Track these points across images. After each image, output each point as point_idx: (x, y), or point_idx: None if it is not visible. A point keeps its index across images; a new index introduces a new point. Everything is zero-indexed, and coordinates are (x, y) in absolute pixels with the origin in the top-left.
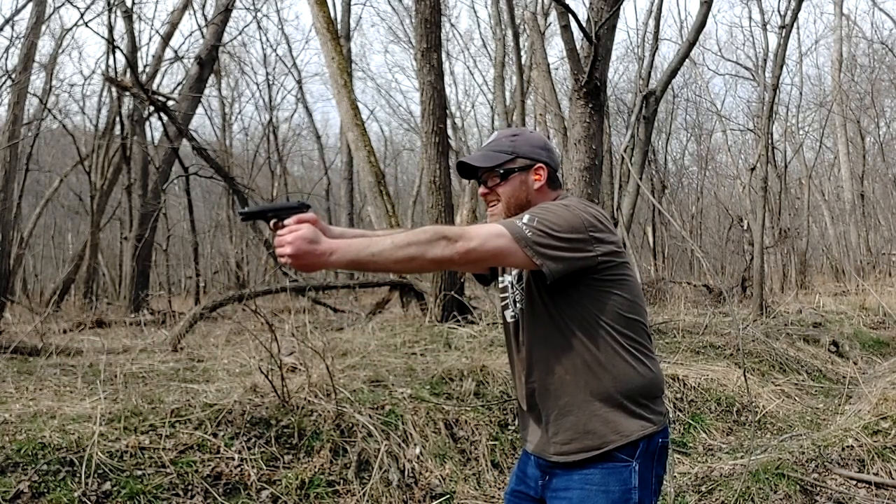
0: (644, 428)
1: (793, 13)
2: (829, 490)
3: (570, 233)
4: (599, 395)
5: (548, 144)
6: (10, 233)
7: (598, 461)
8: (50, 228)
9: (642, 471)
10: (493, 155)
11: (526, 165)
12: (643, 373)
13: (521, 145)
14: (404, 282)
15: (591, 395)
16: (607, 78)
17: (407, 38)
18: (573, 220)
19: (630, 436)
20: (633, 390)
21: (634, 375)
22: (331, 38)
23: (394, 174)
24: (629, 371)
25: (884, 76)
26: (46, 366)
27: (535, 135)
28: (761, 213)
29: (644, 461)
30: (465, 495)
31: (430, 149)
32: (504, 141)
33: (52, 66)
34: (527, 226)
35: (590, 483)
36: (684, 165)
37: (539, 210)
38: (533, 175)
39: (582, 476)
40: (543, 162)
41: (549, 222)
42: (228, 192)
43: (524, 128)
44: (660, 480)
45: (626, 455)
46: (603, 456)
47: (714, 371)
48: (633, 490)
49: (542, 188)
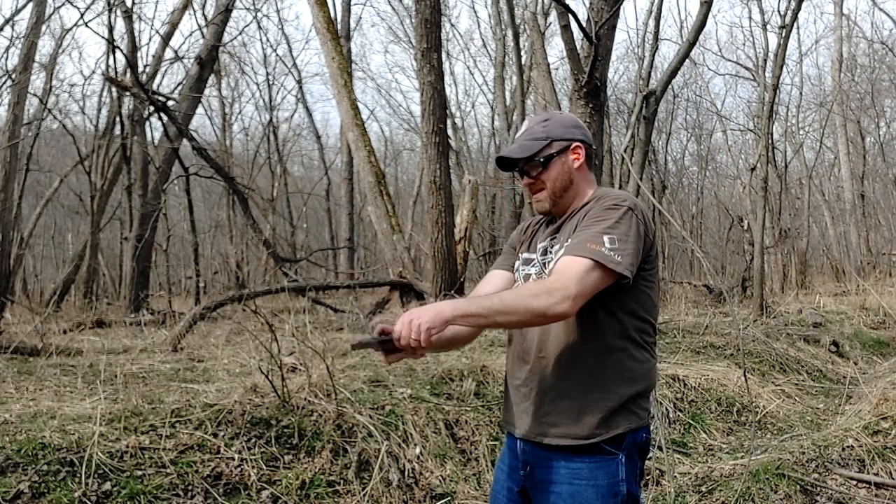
0: (631, 422)
1: (793, 13)
2: (829, 490)
3: (641, 240)
4: (600, 385)
5: (579, 122)
6: (10, 233)
7: (584, 452)
8: (50, 229)
9: (628, 463)
10: (530, 144)
11: (563, 147)
12: (645, 371)
13: (554, 128)
14: (404, 282)
15: (592, 384)
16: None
17: (407, 38)
18: (639, 228)
19: (618, 429)
20: (633, 386)
21: (637, 372)
22: (331, 38)
23: (394, 174)
24: (634, 367)
25: (884, 76)
26: (46, 366)
27: (565, 115)
28: (761, 213)
29: (629, 453)
30: (466, 495)
31: (430, 149)
32: (537, 129)
33: (52, 66)
34: (611, 250)
35: (578, 477)
36: (684, 165)
37: (611, 226)
38: (572, 155)
39: (570, 470)
40: (579, 140)
41: (626, 239)
42: (228, 193)
43: (554, 111)
44: (641, 471)
45: (613, 448)
46: (590, 448)
47: (714, 371)
48: (620, 482)
49: (582, 166)
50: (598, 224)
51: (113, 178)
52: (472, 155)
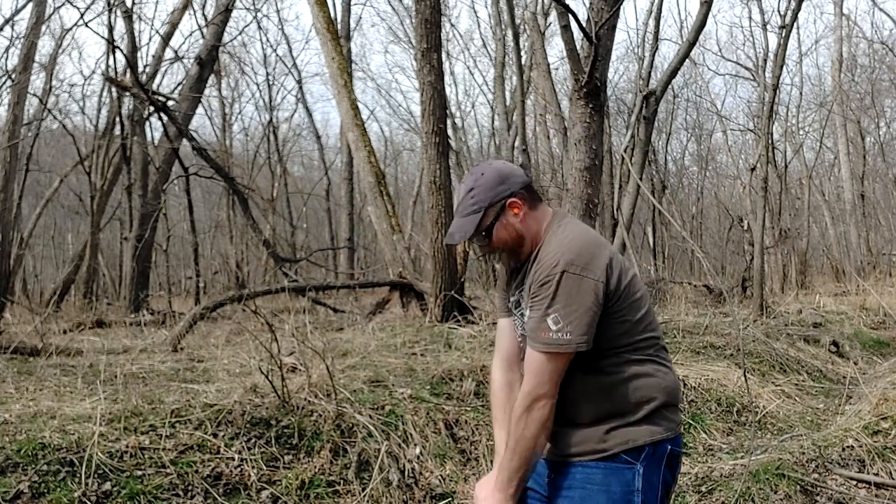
0: (653, 434)
1: (793, 13)
2: (829, 490)
3: (592, 306)
4: (612, 413)
5: (503, 173)
6: (10, 233)
7: (601, 459)
8: (50, 229)
9: (647, 475)
10: (466, 222)
11: (498, 210)
12: (659, 382)
13: (482, 196)
14: (404, 282)
15: (603, 415)
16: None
17: (407, 38)
18: (580, 286)
19: (637, 440)
20: (646, 403)
21: (652, 387)
22: (331, 38)
23: (394, 174)
24: (646, 383)
25: (884, 76)
26: (46, 366)
27: (489, 174)
28: (761, 213)
29: (649, 465)
30: (466, 495)
31: (430, 149)
32: (467, 202)
33: (52, 67)
34: (557, 331)
35: (591, 482)
36: (684, 165)
37: (550, 304)
38: (510, 212)
39: (584, 475)
40: (509, 194)
41: (569, 310)
42: (228, 193)
43: (478, 169)
44: (668, 489)
45: (631, 458)
46: (608, 456)
47: (714, 371)
48: (635, 492)
49: (524, 216)
50: (540, 305)
51: (113, 179)
52: (472, 155)
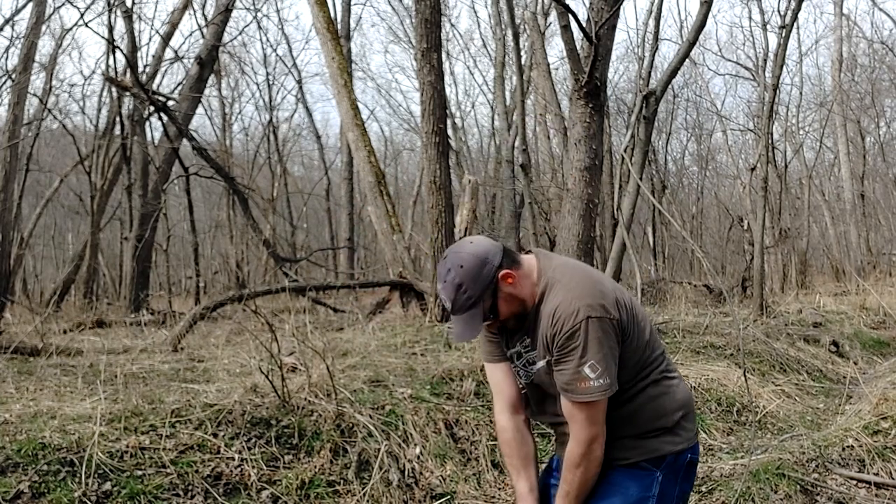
0: (675, 444)
1: (793, 13)
2: (829, 490)
3: (612, 337)
4: (631, 436)
5: (479, 255)
6: (10, 233)
7: (622, 466)
8: (50, 229)
9: (665, 483)
10: (469, 318)
11: (492, 291)
12: (674, 397)
13: (472, 287)
14: (405, 282)
15: (623, 438)
16: (607, 78)
17: (407, 38)
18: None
19: (658, 451)
20: (665, 418)
21: (665, 405)
22: (331, 38)
23: (394, 174)
24: (663, 403)
25: (884, 76)
26: (47, 366)
27: (467, 262)
28: (761, 213)
29: (668, 474)
30: (466, 495)
31: (430, 149)
32: (461, 300)
33: (52, 67)
34: (597, 378)
35: (611, 483)
36: (684, 165)
37: (583, 354)
38: (504, 284)
39: (605, 476)
40: (496, 270)
41: (601, 354)
42: (228, 193)
43: (454, 261)
44: (684, 497)
45: (651, 465)
46: (629, 464)
47: (714, 371)
48: (651, 497)
49: (516, 280)
50: (572, 356)
51: (113, 178)
52: (472, 155)
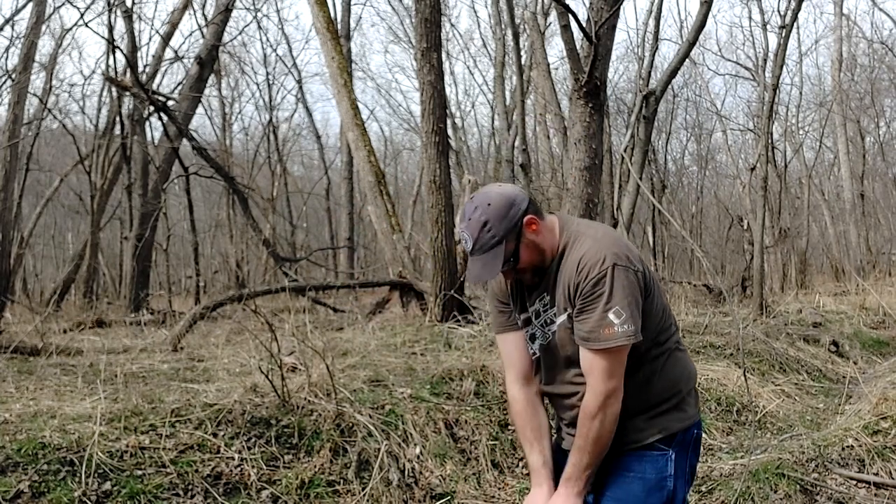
0: (682, 421)
1: (793, 13)
2: (829, 490)
3: (637, 287)
4: (643, 408)
5: (508, 196)
6: (10, 233)
7: (635, 450)
8: (50, 228)
9: (678, 459)
10: (490, 257)
11: (517, 234)
12: (681, 370)
13: (498, 226)
14: (404, 281)
15: (635, 411)
16: (607, 78)
17: (407, 37)
18: (629, 278)
19: (669, 429)
20: (676, 391)
21: (676, 377)
22: (331, 37)
23: (394, 174)
24: (671, 374)
25: (884, 76)
26: (47, 365)
27: (495, 201)
28: (761, 212)
29: (680, 450)
30: (466, 495)
31: (430, 148)
32: (485, 237)
33: (52, 66)
34: (622, 324)
35: (626, 469)
36: (684, 165)
37: (608, 299)
38: (527, 231)
39: (619, 463)
40: (522, 214)
41: (626, 301)
42: (228, 192)
43: (482, 199)
44: (693, 469)
45: (664, 444)
46: (642, 446)
47: (714, 371)
48: (668, 478)
49: (540, 229)
50: (597, 303)
51: (113, 178)
52: (472, 154)
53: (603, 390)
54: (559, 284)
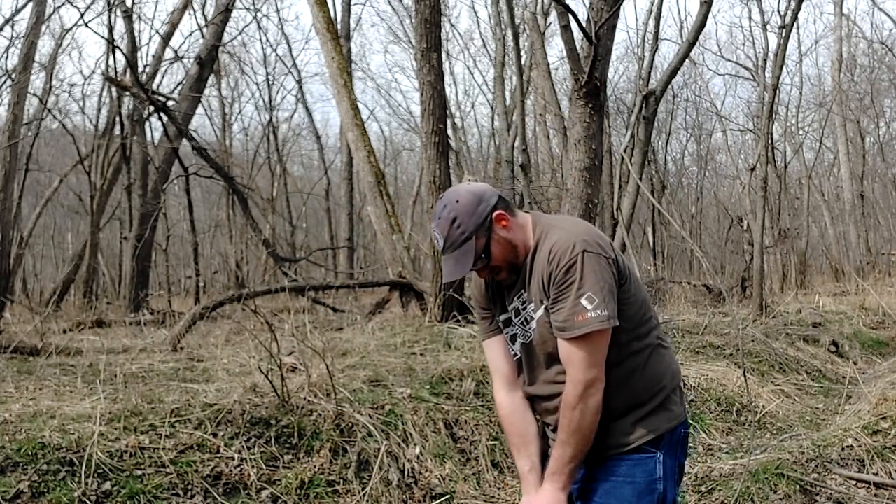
0: (670, 421)
1: (793, 13)
2: (828, 490)
3: (608, 272)
4: (627, 406)
5: (476, 192)
6: (10, 233)
7: (624, 454)
8: (50, 228)
9: (666, 460)
10: (461, 256)
11: (486, 230)
12: (666, 367)
13: (467, 222)
14: (404, 282)
15: (619, 409)
16: (607, 78)
17: (407, 38)
18: (600, 263)
19: (657, 430)
20: (660, 388)
21: (660, 373)
22: (331, 38)
23: (394, 174)
24: (655, 370)
25: (883, 76)
26: (46, 365)
27: (463, 198)
28: (761, 213)
29: (668, 451)
30: (465, 495)
31: (429, 149)
32: (455, 234)
33: (52, 66)
34: (594, 309)
35: (615, 474)
36: (684, 165)
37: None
38: (497, 227)
39: (608, 467)
40: (491, 209)
41: (598, 286)
42: (228, 192)
43: (450, 197)
44: (681, 468)
45: (652, 447)
46: (631, 450)
47: (714, 371)
48: (658, 480)
49: (510, 225)
50: (569, 290)
51: (113, 178)
52: (472, 155)
53: (582, 379)
54: (534, 278)
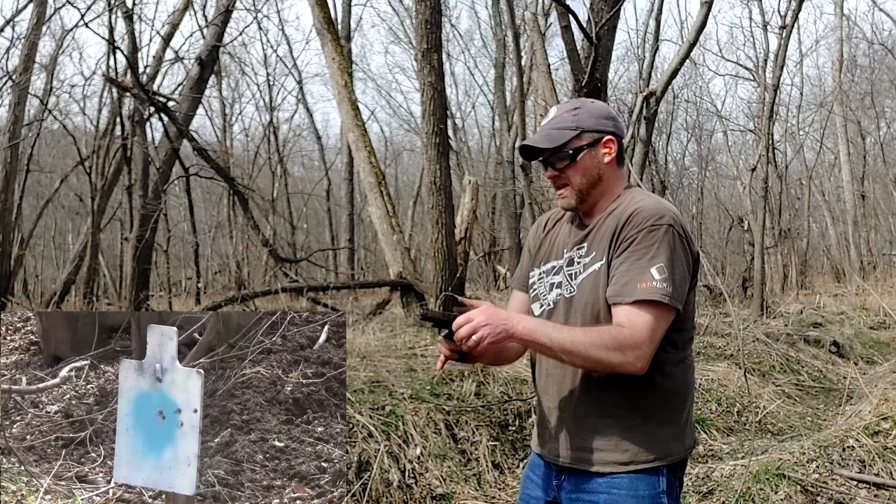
0: (678, 452)
1: (793, 14)
2: (829, 491)
3: (688, 255)
4: (642, 410)
5: (612, 114)
6: (10, 233)
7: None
8: (50, 229)
9: (669, 474)
10: (558, 133)
11: (594, 140)
12: (687, 386)
13: (585, 118)
14: (404, 282)
15: (632, 410)
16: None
17: (407, 38)
18: (683, 244)
19: (662, 444)
20: (676, 404)
21: (680, 390)
22: (331, 38)
23: (394, 175)
24: (677, 386)
25: (884, 77)
26: None
27: (597, 105)
28: (762, 213)
29: (671, 465)
30: (466, 496)
31: (430, 149)
32: (566, 117)
33: (53, 67)
34: (662, 282)
35: (617, 487)
36: (684, 166)
37: (655, 254)
38: (602, 149)
39: (608, 480)
40: (611, 133)
41: (673, 264)
42: (229, 193)
43: (585, 98)
44: (681, 482)
45: (659, 461)
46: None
47: (715, 371)
48: (661, 494)
49: (612, 162)
50: (642, 253)
51: (113, 179)
52: (473, 155)
53: (631, 343)
54: (602, 231)
